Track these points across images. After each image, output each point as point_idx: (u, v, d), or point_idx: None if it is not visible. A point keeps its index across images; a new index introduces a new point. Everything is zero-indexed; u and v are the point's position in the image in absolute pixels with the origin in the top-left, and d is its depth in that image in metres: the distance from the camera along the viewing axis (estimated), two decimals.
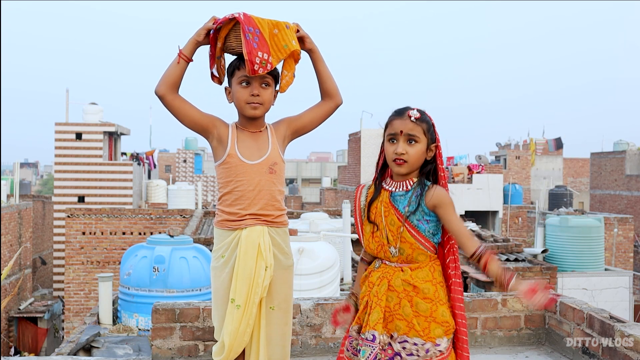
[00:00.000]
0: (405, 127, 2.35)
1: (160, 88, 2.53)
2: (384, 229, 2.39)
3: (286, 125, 2.71)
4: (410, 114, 2.36)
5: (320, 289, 6.70)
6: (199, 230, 14.61)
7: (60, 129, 20.26)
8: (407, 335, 2.31)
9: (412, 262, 2.37)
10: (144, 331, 7.14)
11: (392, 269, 2.39)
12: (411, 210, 2.35)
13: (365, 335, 2.34)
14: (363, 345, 2.34)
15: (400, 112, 2.40)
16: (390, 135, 2.39)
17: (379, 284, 2.39)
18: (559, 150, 35.09)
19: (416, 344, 2.30)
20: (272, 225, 2.61)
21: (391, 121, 2.41)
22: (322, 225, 10.70)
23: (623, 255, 18.87)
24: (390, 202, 2.40)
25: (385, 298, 2.36)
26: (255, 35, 2.45)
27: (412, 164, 2.37)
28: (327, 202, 34.98)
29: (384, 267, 2.42)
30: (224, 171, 2.60)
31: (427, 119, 2.40)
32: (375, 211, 2.43)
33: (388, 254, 2.39)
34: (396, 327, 2.33)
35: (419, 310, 2.32)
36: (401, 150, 2.35)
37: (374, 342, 2.31)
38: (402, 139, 2.36)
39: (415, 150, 2.36)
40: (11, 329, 16.22)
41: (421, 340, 2.29)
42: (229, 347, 2.53)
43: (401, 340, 2.32)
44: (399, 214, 2.37)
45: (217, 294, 2.61)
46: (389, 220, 2.38)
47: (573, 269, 11.61)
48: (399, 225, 2.36)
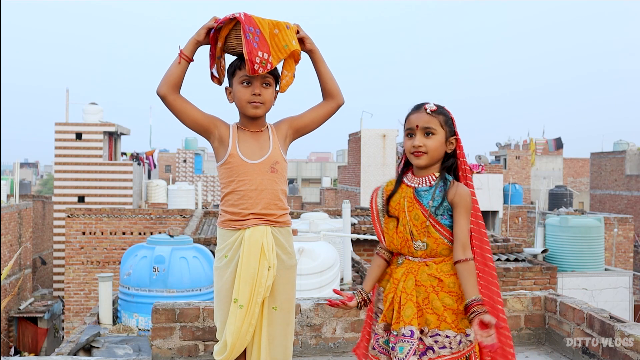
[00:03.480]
0: (420, 121, 2.37)
1: (161, 88, 2.53)
2: (408, 224, 2.40)
3: (288, 125, 2.71)
4: (426, 107, 2.39)
5: (320, 289, 6.70)
6: (199, 230, 14.61)
7: (60, 129, 20.26)
8: (439, 329, 2.32)
9: (437, 256, 2.39)
10: (144, 331, 7.14)
11: (416, 265, 2.40)
12: (435, 206, 2.37)
13: (400, 331, 2.33)
14: (399, 342, 2.33)
15: (417, 106, 2.44)
16: (408, 130, 2.42)
17: (404, 279, 2.39)
18: (559, 150, 35.09)
19: (448, 337, 2.32)
20: (275, 224, 2.60)
21: (408, 116, 2.44)
22: (322, 225, 10.69)
23: (623, 255, 18.88)
24: (415, 197, 2.41)
25: (415, 293, 2.36)
26: (255, 35, 2.45)
27: (432, 156, 2.39)
28: (327, 202, 35.00)
29: (408, 263, 2.42)
30: (226, 171, 2.60)
31: (444, 111, 2.41)
32: (397, 206, 2.44)
33: (412, 248, 2.40)
34: (427, 321, 2.34)
35: (445, 304, 2.34)
36: (418, 143, 2.37)
37: (413, 338, 2.31)
38: (419, 133, 2.38)
39: (433, 142, 2.37)
40: (11, 329, 16.22)
41: (453, 332, 2.32)
42: (231, 347, 2.53)
43: (432, 334, 2.33)
44: (424, 209, 2.38)
45: (219, 293, 2.61)
46: (412, 215, 2.39)
47: (573, 269, 11.61)
48: (423, 220, 2.37)
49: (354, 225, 12.48)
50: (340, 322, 3.97)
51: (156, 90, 2.55)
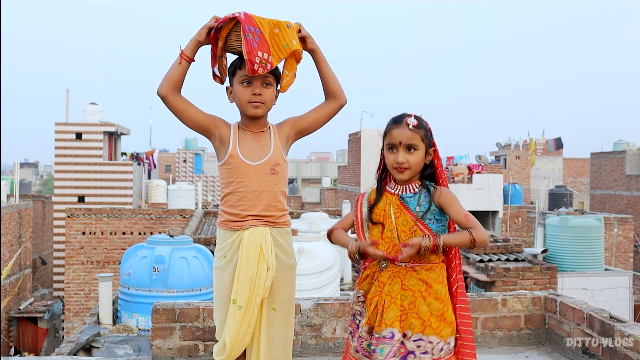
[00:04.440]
0: (404, 137, 2.41)
1: (162, 88, 2.53)
2: (395, 229, 2.43)
3: (290, 126, 2.70)
4: (408, 122, 2.41)
5: (320, 289, 6.70)
6: (199, 230, 14.61)
7: (60, 129, 20.26)
8: (422, 334, 2.34)
9: (424, 262, 2.41)
10: (144, 331, 7.14)
11: (403, 269, 2.42)
12: (423, 210, 2.42)
13: (381, 333, 2.35)
14: (380, 344, 2.34)
15: (397, 120, 2.45)
16: (390, 144, 2.45)
17: (390, 283, 2.41)
18: (559, 150, 35.09)
19: (432, 342, 2.34)
20: (274, 225, 2.60)
21: (390, 130, 2.46)
22: (322, 225, 10.70)
23: (623, 255, 18.88)
24: (401, 203, 2.45)
25: (400, 297, 2.38)
26: (255, 35, 2.45)
27: (414, 170, 2.45)
28: (327, 202, 35.00)
29: (394, 268, 2.43)
30: (226, 172, 2.59)
31: (424, 125, 2.46)
32: (381, 213, 2.47)
33: (400, 253, 2.40)
34: (410, 325, 2.35)
35: (431, 309, 2.36)
36: (402, 160, 2.42)
37: (393, 340, 2.33)
38: (402, 149, 2.43)
39: (415, 157, 2.43)
40: (11, 329, 16.22)
41: (437, 339, 2.34)
42: (230, 348, 2.53)
43: (415, 339, 2.34)
44: (412, 214, 2.42)
45: (219, 294, 2.61)
46: (400, 221, 2.43)
47: (573, 269, 11.61)
48: (412, 224, 2.41)
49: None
50: (340, 322, 3.97)
51: (157, 90, 2.54)
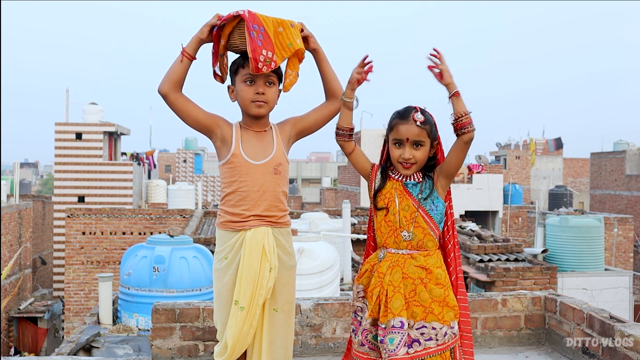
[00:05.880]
0: (411, 134, 2.41)
1: (163, 86, 2.51)
2: (397, 213, 2.44)
3: (291, 126, 2.69)
4: (415, 117, 2.40)
5: (320, 289, 6.69)
6: (199, 230, 14.60)
7: (60, 129, 20.25)
8: (425, 321, 2.35)
9: (422, 248, 2.43)
10: (144, 331, 7.14)
11: (402, 257, 2.43)
12: (424, 197, 2.44)
13: (390, 323, 2.34)
14: (389, 334, 2.34)
15: (404, 115, 2.44)
16: (396, 140, 2.45)
17: (390, 273, 2.41)
18: (559, 150, 35.08)
19: (435, 328, 2.35)
20: (276, 226, 2.59)
21: (396, 125, 2.44)
22: (322, 225, 10.69)
23: (623, 255, 18.88)
24: (404, 189, 2.47)
25: (402, 286, 2.38)
26: (259, 33, 2.43)
27: (419, 165, 2.47)
28: (327, 202, 34.98)
29: (391, 256, 2.44)
30: (228, 171, 2.57)
31: (430, 120, 2.45)
32: (386, 198, 2.49)
33: (399, 238, 2.43)
34: (413, 313, 2.36)
35: (433, 295, 2.37)
36: (408, 156, 2.43)
37: (403, 329, 2.33)
38: (409, 145, 2.43)
39: (421, 153, 2.45)
40: (11, 329, 16.21)
41: (439, 324, 2.35)
42: (232, 348, 2.52)
43: (419, 327, 2.35)
44: (414, 200, 2.45)
45: (220, 295, 2.59)
46: (403, 206, 2.45)
47: (573, 269, 11.60)
48: (413, 210, 2.43)
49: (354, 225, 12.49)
50: (340, 322, 3.97)
51: (158, 88, 2.52)
